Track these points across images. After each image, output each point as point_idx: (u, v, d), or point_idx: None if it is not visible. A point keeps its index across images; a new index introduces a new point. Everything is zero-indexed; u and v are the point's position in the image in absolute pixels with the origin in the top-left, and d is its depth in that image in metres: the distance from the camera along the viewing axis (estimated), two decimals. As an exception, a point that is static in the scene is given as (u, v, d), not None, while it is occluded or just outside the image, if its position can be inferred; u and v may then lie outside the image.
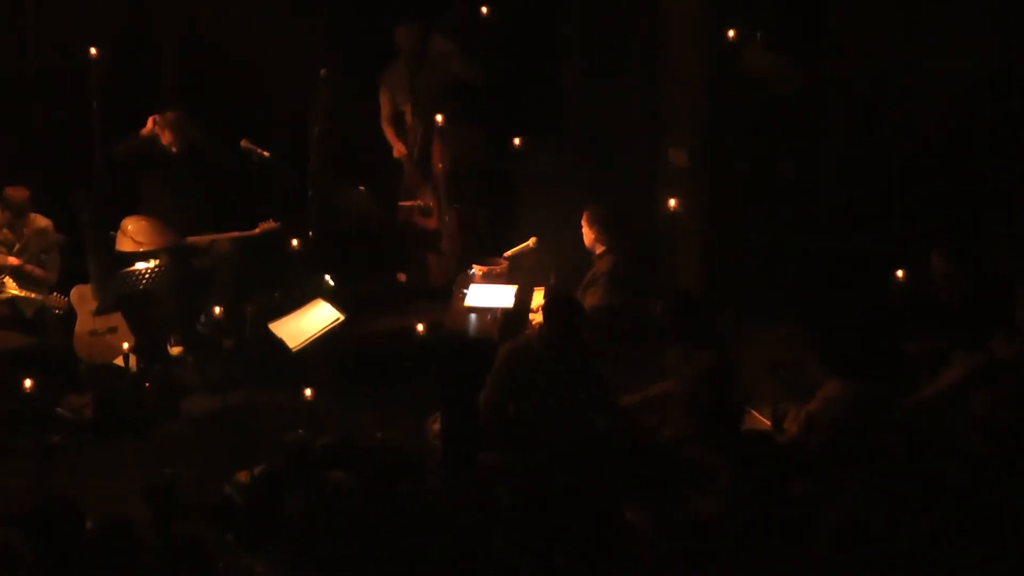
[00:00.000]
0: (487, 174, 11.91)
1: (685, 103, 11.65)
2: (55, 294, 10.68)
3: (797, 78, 11.38)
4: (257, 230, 11.06)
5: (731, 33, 11.27)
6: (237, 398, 9.95)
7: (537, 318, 9.37)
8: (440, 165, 11.75)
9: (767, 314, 11.14)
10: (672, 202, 11.04)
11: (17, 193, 10.61)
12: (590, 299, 9.75)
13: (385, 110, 12.01)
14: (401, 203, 12.08)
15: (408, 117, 11.97)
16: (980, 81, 11.02)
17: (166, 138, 10.89)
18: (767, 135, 11.61)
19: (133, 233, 10.69)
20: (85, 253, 10.57)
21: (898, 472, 7.33)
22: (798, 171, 11.73)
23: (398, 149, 12.00)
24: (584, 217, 10.04)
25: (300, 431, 8.52)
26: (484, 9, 11.98)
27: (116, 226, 10.74)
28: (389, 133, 12.04)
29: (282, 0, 11.91)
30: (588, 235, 10.04)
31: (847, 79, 11.48)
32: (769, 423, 8.98)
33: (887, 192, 11.37)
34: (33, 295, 10.58)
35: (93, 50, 10.92)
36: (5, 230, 10.68)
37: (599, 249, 10.01)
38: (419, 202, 12.00)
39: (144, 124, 10.89)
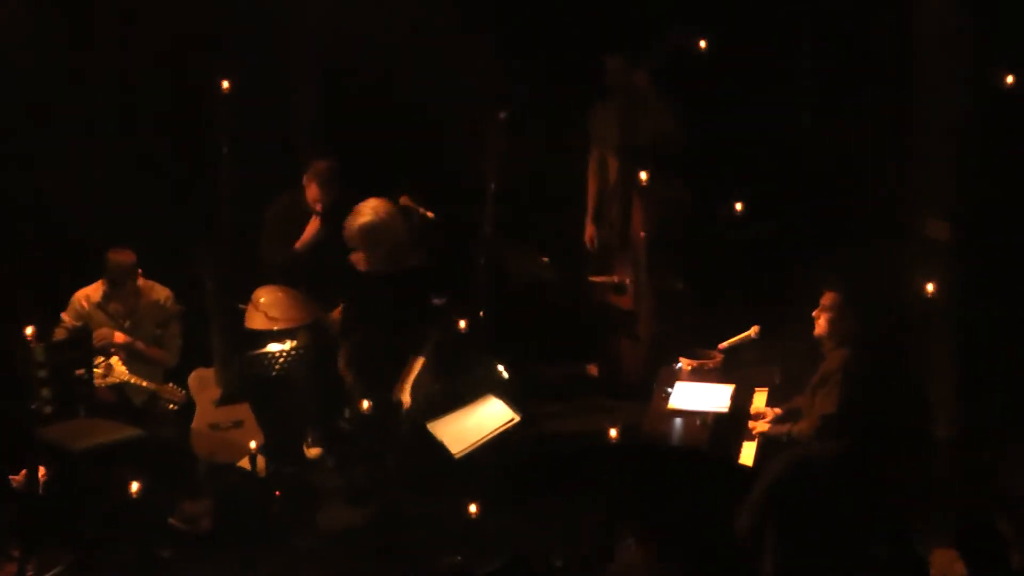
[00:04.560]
0: (698, 245, 11.65)
1: (944, 161, 10.92)
2: (171, 385, 10.46)
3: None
4: (417, 306, 10.91)
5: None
6: (385, 510, 9.88)
7: (760, 427, 9.23)
8: (642, 233, 11.44)
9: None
10: (930, 286, 10.32)
11: (121, 257, 10.38)
12: (821, 403, 9.15)
13: (593, 162, 11.76)
14: (592, 278, 11.77)
15: (612, 172, 11.62)
16: None
17: (311, 193, 10.73)
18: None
19: (266, 307, 10.42)
20: (208, 329, 10.33)
21: None
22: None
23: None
24: (830, 300, 9.35)
25: (459, 556, 8.44)
26: (703, 43, 11.51)
27: (246, 297, 10.50)
28: (592, 188, 11.77)
29: (449, 25, 11.72)
30: (827, 322, 9.37)
31: None
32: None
33: None
34: (145, 383, 10.34)
35: (225, 83, 10.94)
36: (115, 302, 10.43)
37: (831, 341, 9.36)
38: (614, 277, 11.69)
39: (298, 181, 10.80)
